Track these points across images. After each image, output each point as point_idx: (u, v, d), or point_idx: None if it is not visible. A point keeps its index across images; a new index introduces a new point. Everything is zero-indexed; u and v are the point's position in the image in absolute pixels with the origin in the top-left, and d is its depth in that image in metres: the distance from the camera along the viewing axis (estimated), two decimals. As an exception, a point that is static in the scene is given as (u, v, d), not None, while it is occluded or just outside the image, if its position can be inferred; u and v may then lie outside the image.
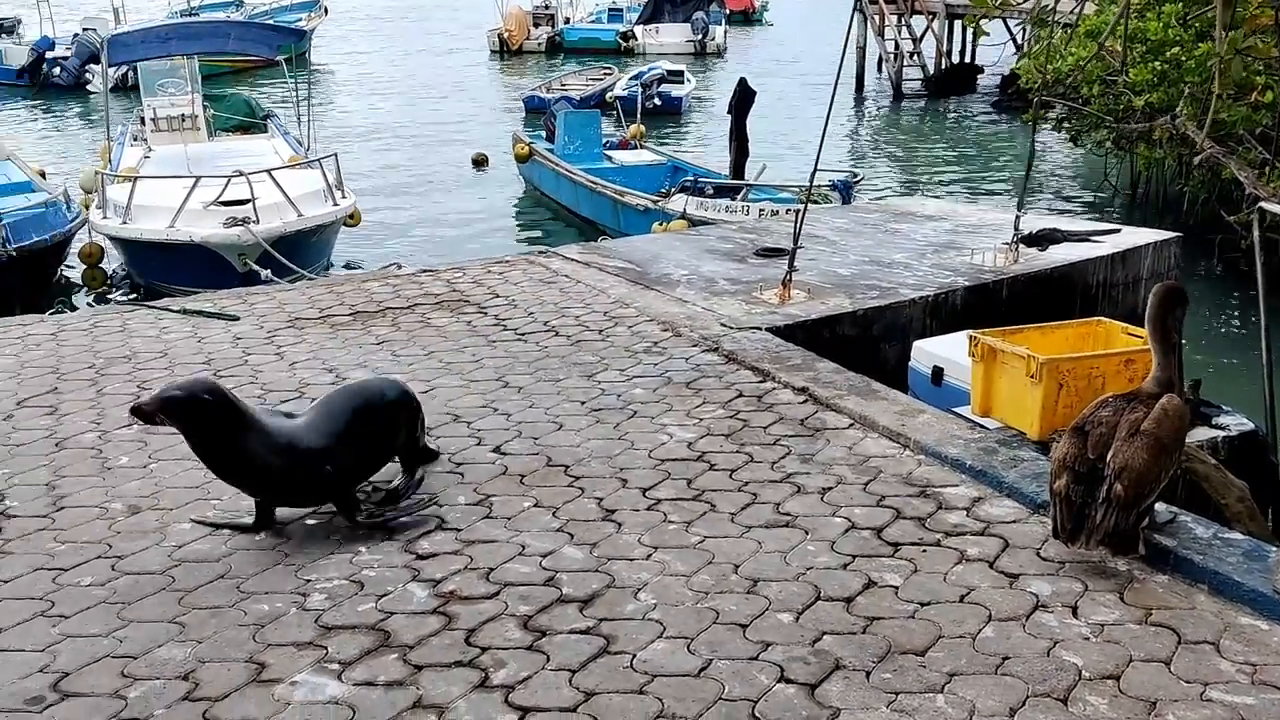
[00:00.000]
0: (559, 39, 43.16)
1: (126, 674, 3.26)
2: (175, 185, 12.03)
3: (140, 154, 15.04)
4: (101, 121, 18.01)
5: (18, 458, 4.85)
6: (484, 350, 6.20)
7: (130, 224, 12.00)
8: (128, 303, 9.37)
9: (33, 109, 31.29)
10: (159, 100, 16.15)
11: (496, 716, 3.05)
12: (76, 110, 30.64)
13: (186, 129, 15.93)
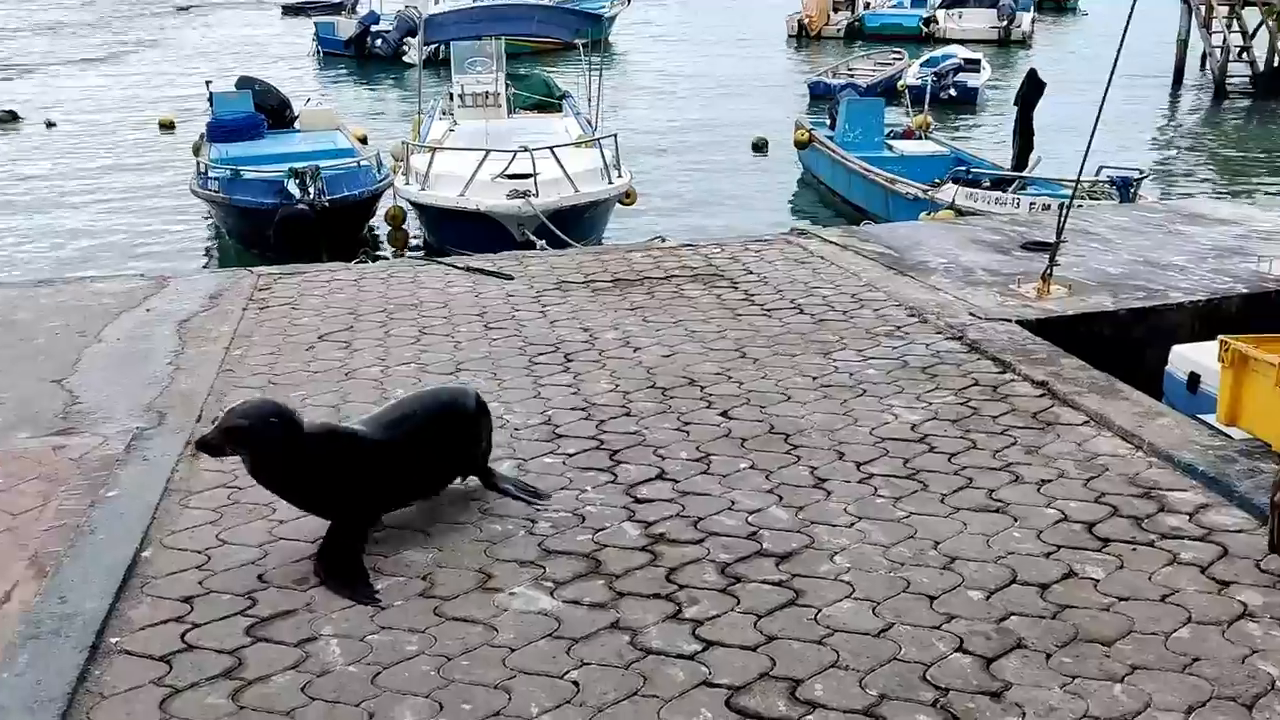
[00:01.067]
0: (859, 24, 42.69)
1: (376, 569, 3.76)
2: (468, 157, 13.04)
3: (446, 127, 16.29)
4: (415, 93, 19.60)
5: (312, 383, 5.56)
6: (728, 322, 6.46)
7: (427, 191, 13.11)
8: (419, 258, 10.28)
9: (358, 78, 34.26)
10: (467, 78, 17.41)
11: (682, 644, 3.32)
12: (392, 81, 33.26)
13: (489, 105, 17.09)
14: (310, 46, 39.59)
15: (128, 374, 5.67)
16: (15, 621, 3.41)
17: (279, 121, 17.69)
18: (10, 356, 5.95)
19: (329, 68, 36.52)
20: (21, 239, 16.46)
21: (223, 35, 45.54)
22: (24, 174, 21.06)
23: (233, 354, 5.99)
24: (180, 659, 3.27)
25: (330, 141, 16.20)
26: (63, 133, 25.83)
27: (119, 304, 6.91)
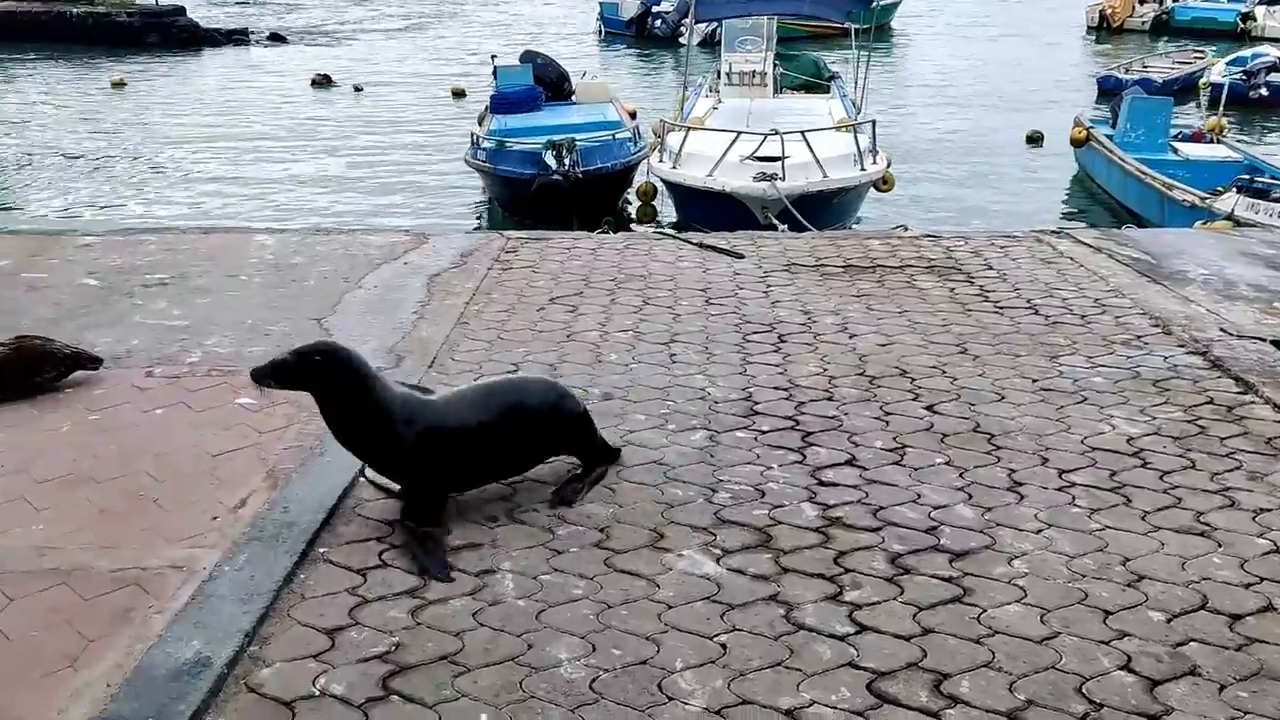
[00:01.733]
0: (1167, 17, 39.83)
1: (560, 516, 3.99)
2: (720, 138, 13.23)
3: (710, 105, 16.55)
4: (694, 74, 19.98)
5: (536, 341, 5.88)
6: (956, 317, 6.32)
7: (677, 169, 13.40)
8: (655, 232, 10.55)
9: (637, 57, 35.18)
10: (735, 56, 17.60)
11: (836, 624, 3.35)
12: (670, 61, 33.90)
13: (755, 85, 17.22)
14: (595, 25, 40.97)
15: (377, 318, 6.18)
16: (245, 524, 3.86)
17: (557, 94, 18.51)
18: (282, 295, 6.61)
19: (610, 46, 37.73)
20: (316, 190, 18.05)
21: (517, 11, 47.83)
22: (330, 134, 23.00)
23: (471, 308, 6.40)
24: (374, 574, 3.60)
25: (600, 114, 16.80)
26: (368, 97, 27.96)
27: (381, 256, 7.51)
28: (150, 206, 17.12)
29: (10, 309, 6.30)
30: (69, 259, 7.38)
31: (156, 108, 26.65)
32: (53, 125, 24.46)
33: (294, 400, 4.96)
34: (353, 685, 3.05)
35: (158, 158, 20.82)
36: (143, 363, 5.47)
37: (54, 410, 4.89)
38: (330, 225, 10.00)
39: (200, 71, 33.39)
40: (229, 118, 25.08)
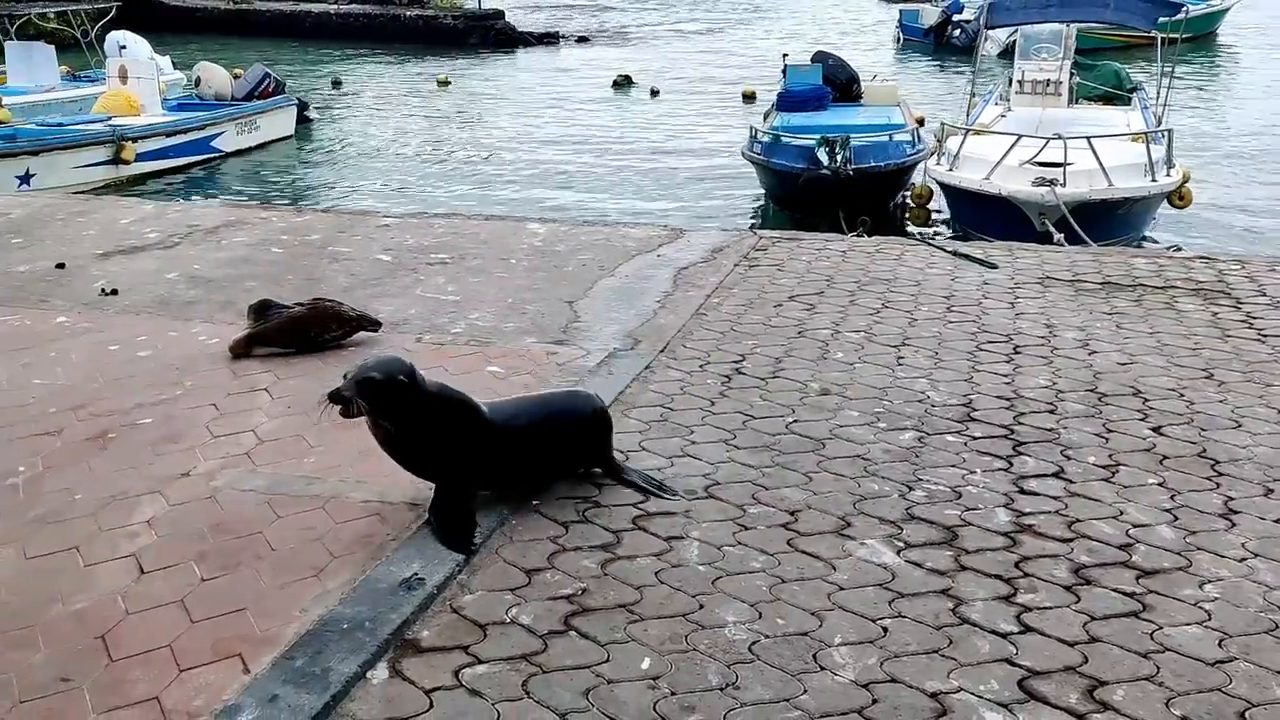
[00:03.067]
0: None
1: (754, 498, 4.23)
2: (1000, 141, 12.88)
3: (998, 113, 16.09)
4: (986, 82, 19.48)
5: (766, 335, 6.12)
6: (1211, 342, 6.02)
7: (954, 171, 13.16)
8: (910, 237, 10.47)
9: (933, 65, 34.41)
10: (1029, 64, 17.00)
11: (1001, 622, 3.42)
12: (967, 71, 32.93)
13: (1048, 94, 16.57)
14: (893, 32, 40.39)
15: (623, 305, 6.61)
16: (474, 474, 4.35)
17: (846, 95, 18.55)
18: (542, 279, 7.18)
19: (906, 53, 37.08)
20: (600, 185, 18.96)
21: (813, 15, 47.79)
22: (623, 132, 24.04)
23: (711, 301, 6.72)
24: (575, 528, 3.98)
25: (885, 117, 16.71)
26: (662, 99, 28.94)
27: (637, 248, 7.97)
28: (448, 192, 18.58)
29: (315, 275, 7.21)
30: (369, 236, 8.29)
31: (474, 104, 28.72)
32: (383, 116, 26.88)
33: (535, 373, 5.46)
34: (538, 618, 3.43)
35: (468, 149, 22.50)
36: (415, 330, 6.14)
37: (336, 364, 5.59)
38: (596, 218, 10.62)
39: (514, 71, 35.61)
40: (535, 114, 26.68)
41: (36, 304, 6.67)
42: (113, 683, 3.11)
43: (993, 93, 17.76)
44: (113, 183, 17.87)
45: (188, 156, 20.24)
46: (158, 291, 6.91)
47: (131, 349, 5.86)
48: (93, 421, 4.93)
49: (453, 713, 2.99)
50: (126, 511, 4.10)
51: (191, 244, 8.10)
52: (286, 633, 3.33)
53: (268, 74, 22.89)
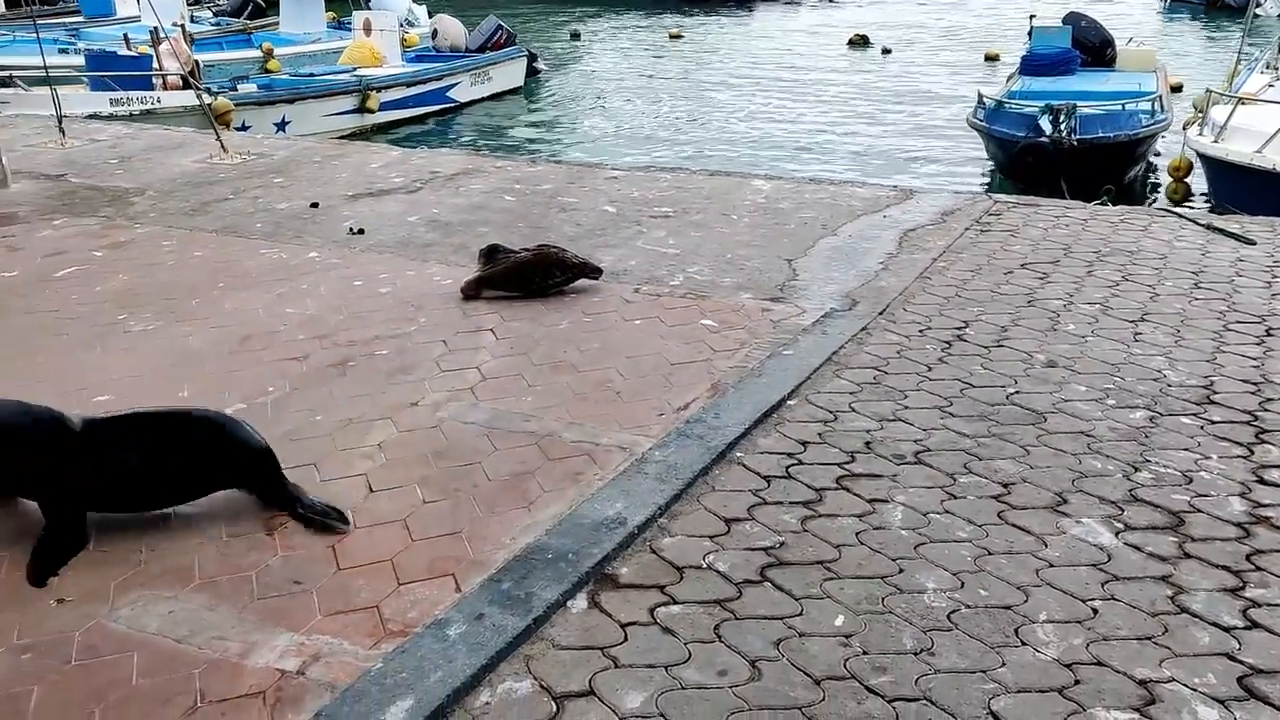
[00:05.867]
0: None
1: (966, 467, 4.11)
2: (1276, 111, 11.81)
3: (1266, 81, 14.76)
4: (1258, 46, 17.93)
5: (994, 303, 5.89)
6: None
7: (1219, 144, 12.17)
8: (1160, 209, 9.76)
9: (1202, 28, 31.93)
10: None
11: (1225, 615, 3.21)
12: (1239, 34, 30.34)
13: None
14: (1161, -9, 37.74)
15: (843, 265, 6.52)
16: (681, 422, 4.41)
17: (1098, 60, 17.51)
18: (763, 235, 7.15)
19: (1174, 15, 34.54)
20: (830, 143, 18.63)
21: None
22: (853, 92, 23.52)
23: (937, 265, 6.53)
24: (777, 483, 3.99)
25: (1135, 84, 15.67)
26: (896, 58, 28.11)
27: (863, 208, 7.82)
28: (674, 147, 18.71)
29: (543, 224, 7.44)
30: (597, 188, 8.48)
31: (705, 58, 28.76)
32: (613, 70, 27.32)
33: (750, 328, 5.47)
34: (735, 567, 3.46)
35: (696, 104, 22.59)
36: (634, 280, 6.26)
37: (557, 309, 5.79)
38: (822, 176, 10.46)
39: (749, 27, 35.38)
40: (765, 71, 26.47)
41: (292, 239, 7.18)
42: (338, 589, 3.35)
43: (1259, 59, 16.29)
44: (357, 130, 18.95)
45: (425, 106, 21.24)
46: (399, 233, 7.31)
47: (373, 285, 6.23)
48: (335, 350, 5.28)
49: (646, 647, 3.07)
50: (360, 434, 4.39)
51: (432, 189, 8.50)
52: (496, 558, 3.49)
53: (500, 25, 23.66)
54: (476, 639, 3.03)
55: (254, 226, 7.47)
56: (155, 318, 5.73)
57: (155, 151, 9.95)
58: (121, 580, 3.41)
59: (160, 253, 6.90)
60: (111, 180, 8.84)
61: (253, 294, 6.09)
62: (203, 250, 6.95)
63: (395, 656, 2.98)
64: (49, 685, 2.94)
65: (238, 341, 5.39)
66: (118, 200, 8.21)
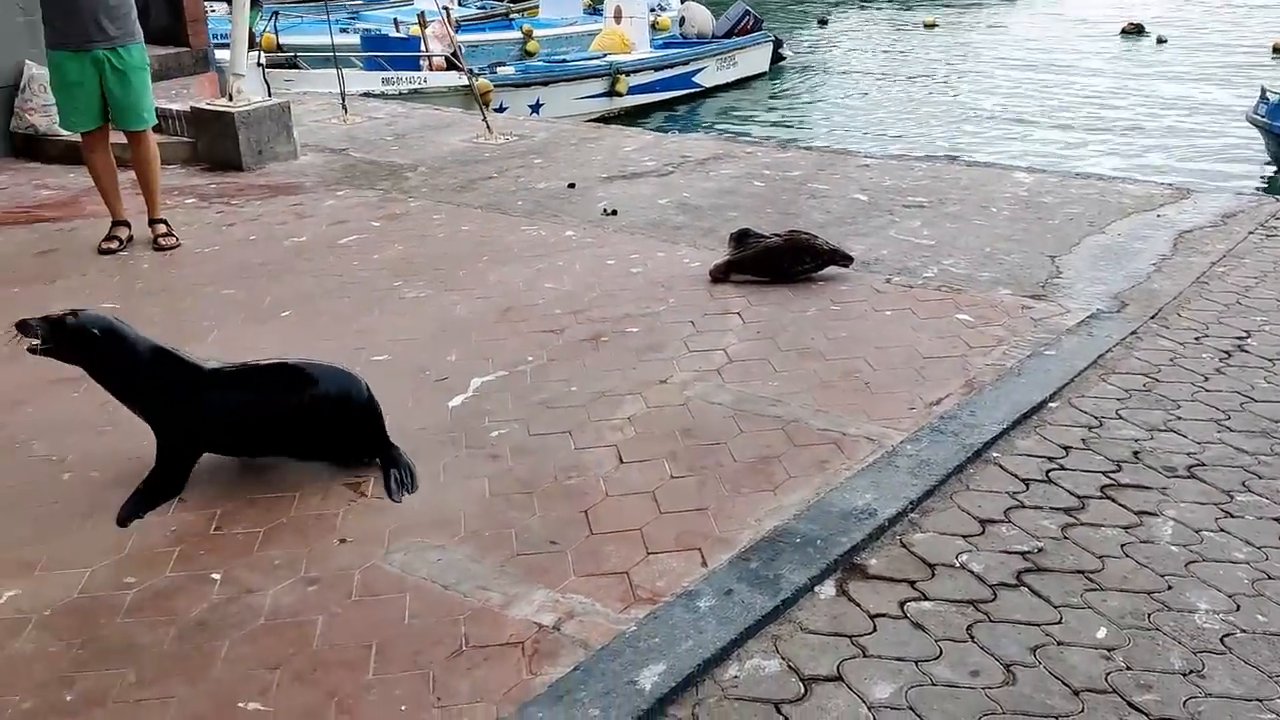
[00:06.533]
0: None
1: (1246, 479, 3.84)
2: None
3: None
4: None
5: (1278, 313, 5.47)
6: None
7: None
8: None
9: None
10: None
11: None
12: None
13: None
14: None
15: (1110, 264, 6.19)
16: (934, 418, 4.32)
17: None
18: (1024, 230, 6.88)
19: None
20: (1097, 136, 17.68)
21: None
22: (1124, 83, 22.22)
23: (1215, 270, 6.11)
24: (1036, 486, 3.85)
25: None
26: (1172, 47, 26.35)
27: (1134, 205, 7.40)
28: (927, 136, 18.23)
29: (792, 210, 7.42)
30: (848, 175, 8.38)
31: (962, 48, 27.85)
32: (862, 57, 26.84)
33: (1008, 325, 5.29)
34: (989, 568, 3.37)
35: (951, 94, 21.93)
36: (885, 271, 6.16)
37: (805, 296, 5.77)
38: (1089, 171, 9.92)
39: (1012, 15, 33.97)
40: (1029, 60, 25.37)
41: (550, 218, 7.46)
42: (590, 552, 3.48)
43: None
44: (605, 114, 19.42)
45: (671, 91, 21.56)
46: (650, 215, 7.46)
47: (625, 265, 6.39)
48: (589, 325, 5.46)
49: (895, 640, 3.04)
50: (611, 407, 4.53)
51: (683, 173, 8.63)
52: (741, 537, 3.53)
53: (748, 11, 23.66)
54: (726, 613, 3.08)
55: (515, 204, 7.80)
56: (426, 286, 6.08)
57: (427, 130, 10.54)
58: (396, 527, 3.65)
59: (431, 225, 7.31)
60: (388, 156, 9.42)
61: (514, 268, 6.37)
62: (469, 225, 7.31)
63: (648, 622, 3.07)
64: (332, 616, 3.19)
65: (500, 312, 5.65)
66: (394, 175, 8.75)
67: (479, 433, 4.33)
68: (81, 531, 3.68)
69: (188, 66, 11.76)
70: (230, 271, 6.41)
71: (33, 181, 8.81)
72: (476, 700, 2.81)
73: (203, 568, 3.45)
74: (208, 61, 11.88)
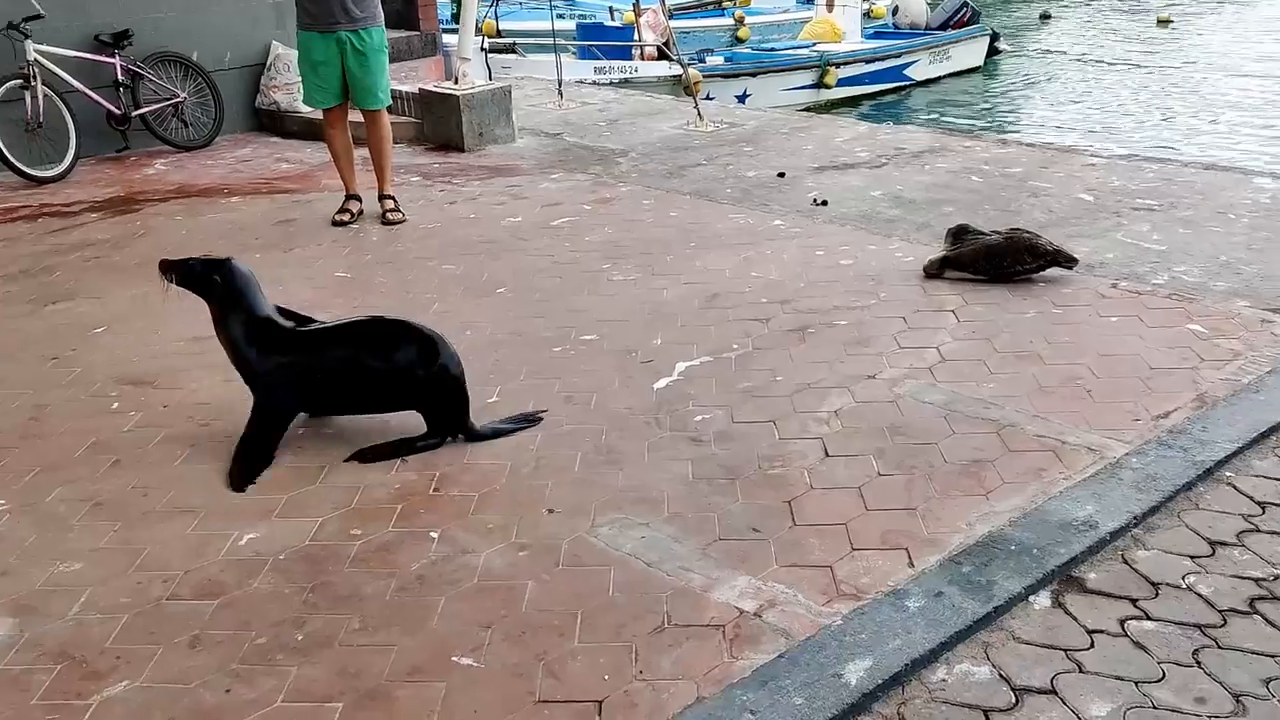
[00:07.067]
0: None
1: None
2: None
3: None
4: None
5: None
6: None
7: None
8: None
9: None
10: None
11: None
12: None
13: None
14: None
15: (1366, 280, 5.72)
16: (1161, 431, 4.09)
17: None
18: (1266, 239, 6.39)
19: None
20: None
21: None
22: None
23: None
24: (1274, 510, 3.60)
25: None
26: None
27: (1395, 217, 6.81)
28: (1156, 138, 17.23)
29: (1012, 208, 7.16)
30: (1073, 174, 8.02)
31: (1198, 47, 26.21)
32: (1087, 53, 25.60)
33: (1245, 339, 4.97)
34: (1219, 592, 3.18)
35: (1185, 95, 20.67)
36: (1111, 275, 5.87)
37: (1025, 297, 5.56)
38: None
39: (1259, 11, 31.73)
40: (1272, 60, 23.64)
41: (758, 206, 7.45)
42: (793, 543, 3.47)
43: None
44: (812, 106, 19.21)
45: (880, 84, 21.09)
46: (861, 207, 7.35)
47: (834, 256, 6.32)
48: (795, 316, 5.43)
49: (1114, 658, 2.91)
50: (817, 399, 4.50)
51: (896, 165, 8.46)
52: (950, 540, 3.45)
53: (965, 3, 22.88)
54: (935, 616, 3.02)
55: (724, 192, 7.82)
56: (635, 269, 6.18)
57: (638, 116, 10.68)
58: (602, 502, 3.74)
59: (640, 210, 7.42)
60: (600, 141, 9.61)
61: (720, 255, 6.40)
62: (677, 211, 7.38)
63: (854, 617, 3.04)
64: (540, 583, 3.29)
65: (706, 298, 5.69)
66: (605, 159, 8.91)
67: (683, 416, 4.38)
68: (314, 484, 3.92)
69: (417, 50, 12.29)
70: (451, 247, 6.68)
71: (274, 155, 9.41)
72: (677, 677, 2.85)
73: (422, 525, 3.62)
74: (436, 45, 12.38)
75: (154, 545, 3.56)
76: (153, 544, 3.57)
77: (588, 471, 3.96)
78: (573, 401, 4.55)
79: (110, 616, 3.19)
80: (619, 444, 4.15)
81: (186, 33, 9.88)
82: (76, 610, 3.22)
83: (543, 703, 2.77)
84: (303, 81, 7.34)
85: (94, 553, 3.54)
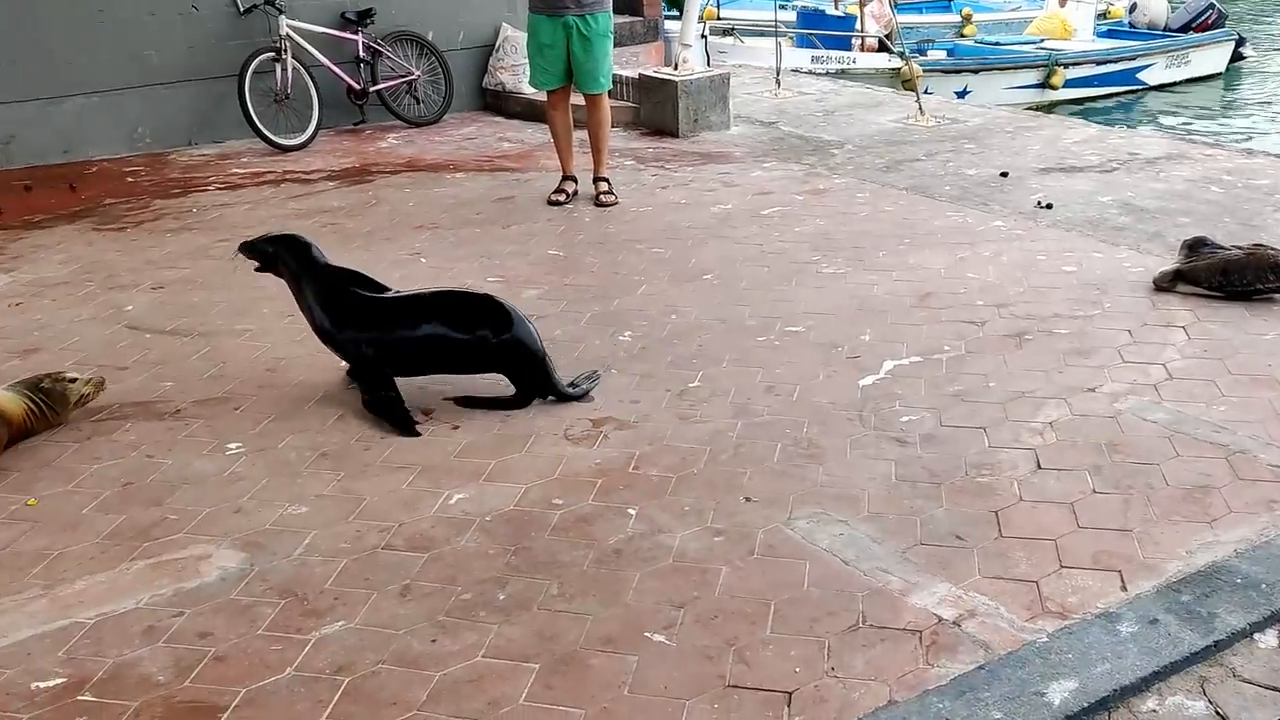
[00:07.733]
0: None
1: None
2: None
3: None
4: None
5: None
6: None
7: None
8: None
9: None
10: None
11: None
12: None
13: None
14: None
15: None
16: None
17: None
18: None
19: None
20: None
21: None
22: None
23: None
24: None
25: None
26: None
27: None
28: None
29: (1255, 223, 6.68)
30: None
31: None
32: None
33: None
34: None
35: None
36: (1366, 299, 5.41)
37: (1264, 317, 5.20)
38: None
39: None
40: None
41: (978, 205, 7.22)
42: (998, 554, 3.36)
43: None
44: (1036, 107, 18.41)
45: (1110, 86, 19.99)
46: (1088, 212, 7.02)
47: (1057, 262, 6.06)
48: (1012, 321, 5.24)
49: (1349, 712, 2.70)
50: (1032, 408, 4.33)
51: (1128, 171, 8.03)
52: (1168, 567, 3.27)
53: (1212, 4, 21.35)
54: (1149, 643, 2.87)
55: (942, 189, 7.62)
56: (844, 263, 6.10)
57: (856, 108, 10.52)
58: (800, 494, 3.72)
59: (853, 203, 7.31)
60: (815, 131, 9.51)
61: (935, 253, 6.24)
62: (892, 206, 7.24)
63: (1061, 636, 2.92)
64: (734, 569, 3.30)
65: (918, 297, 5.56)
66: (820, 150, 8.82)
67: (888, 415, 4.30)
68: (519, 453, 4.06)
69: (639, 35, 12.44)
70: (660, 232, 6.76)
71: (496, 134, 9.74)
72: (870, 678, 2.81)
73: (621, 501, 3.69)
74: (658, 31, 12.51)
75: (372, 496, 3.77)
76: (371, 495, 3.78)
77: (787, 463, 3.94)
78: (774, 392, 4.53)
79: (330, 559, 3.39)
80: (820, 438, 4.12)
81: (424, 13, 10.32)
82: (300, 551, 3.44)
83: (733, 687, 2.79)
84: (529, 63, 7.55)
85: (318, 499, 3.77)
